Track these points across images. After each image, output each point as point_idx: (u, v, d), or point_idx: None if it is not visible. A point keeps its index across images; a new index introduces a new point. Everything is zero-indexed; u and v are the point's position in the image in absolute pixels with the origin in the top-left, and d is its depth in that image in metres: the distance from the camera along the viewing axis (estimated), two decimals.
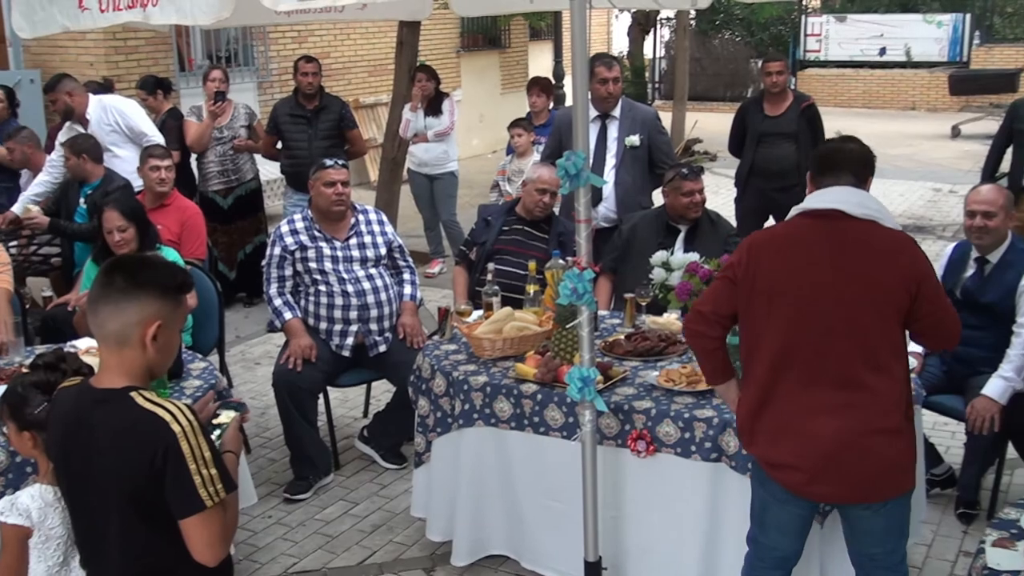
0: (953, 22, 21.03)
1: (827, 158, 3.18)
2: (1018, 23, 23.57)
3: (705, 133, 15.42)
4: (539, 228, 5.31)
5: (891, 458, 3.01)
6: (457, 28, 15.41)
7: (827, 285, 2.98)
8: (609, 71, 5.78)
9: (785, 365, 3.03)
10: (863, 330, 2.98)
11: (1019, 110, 7.06)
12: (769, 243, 3.14)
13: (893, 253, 3.00)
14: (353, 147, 7.88)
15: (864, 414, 2.98)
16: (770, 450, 3.10)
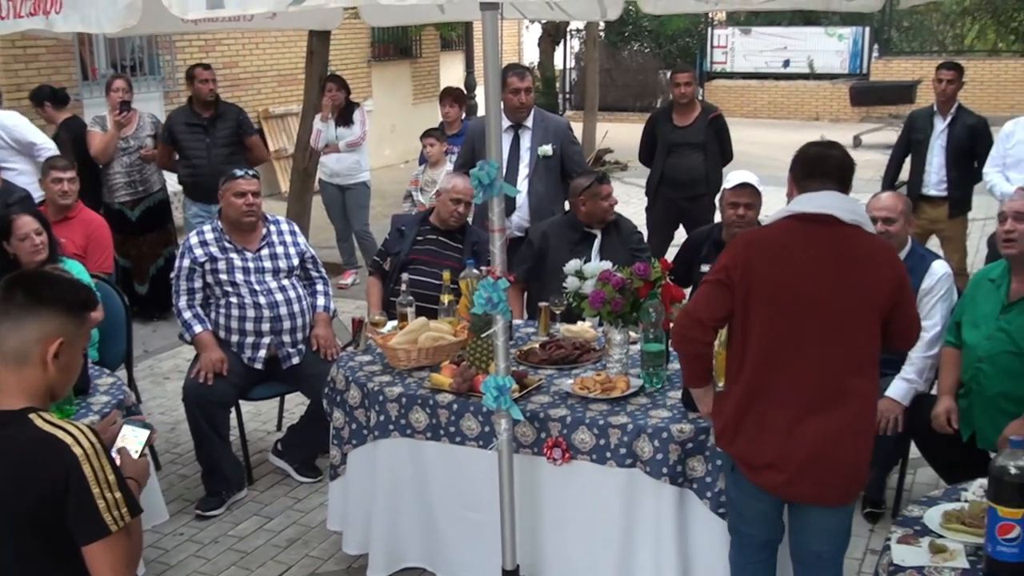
0: (853, 35, 21.67)
1: (813, 162, 3.22)
2: (914, 36, 24.39)
3: (615, 143, 15.59)
4: (453, 238, 5.31)
5: (863, 460, 3.13)
6: (368, 38, 15.34)
7: (822, 289, 3.05)
8: (521, 81, 5.81)
9: (774, 367, 3.09)
10: (851, 334, 3.06)
11: (916, 121, 7.30)
12: (761, 246, 3.15)
13: (880, 259, 3.11)
14: (253, 154, 7.72)
15: (847, 418, 3.06)
16: (752, 451, 3.15)
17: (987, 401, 4.07)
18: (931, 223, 7.06)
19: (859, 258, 3.08)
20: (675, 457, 3.52)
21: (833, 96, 21.21)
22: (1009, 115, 7.18)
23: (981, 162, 6.60)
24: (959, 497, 3.00)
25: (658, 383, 3.89)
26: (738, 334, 3.17)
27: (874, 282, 3.07)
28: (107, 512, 2.22)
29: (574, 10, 5.37)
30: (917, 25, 24.43)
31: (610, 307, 3.92)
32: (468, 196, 5.16)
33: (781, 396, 3.09)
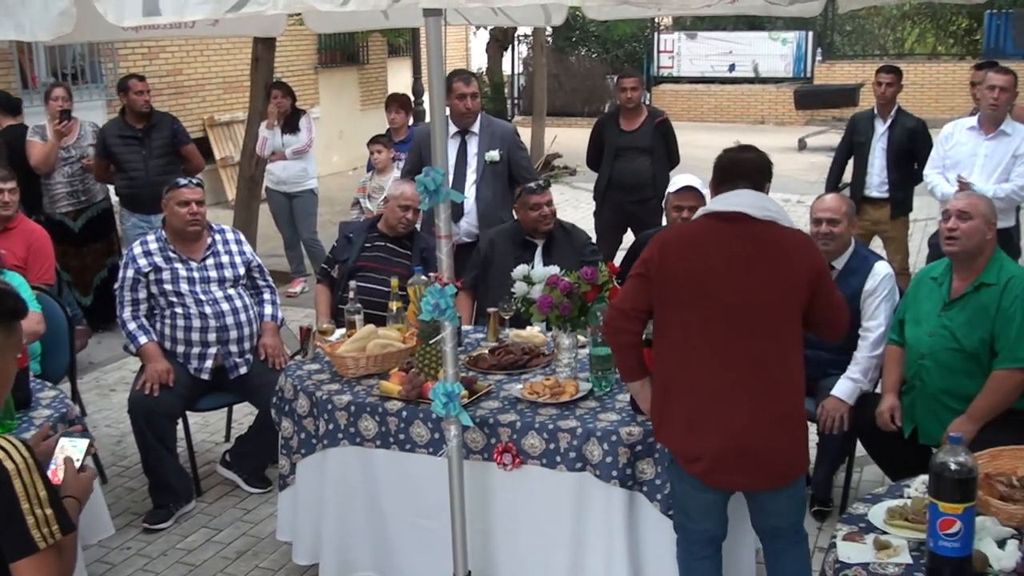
0: (797, 39, 21.95)
1: (726, 167, 3.39)
2: (856, 40, 24.78)
3: (564, 148, 15.65)
4: (401, 244, 5.29)
5: (796, 444, 3.26)
6: (314, 44, 15.25)
7: (734, 282, 3.16)
8: (467, 87, 5.81)
9: (696, 359, 3.20)
10: (770, 322, 3.17)
11: (858, 124, 7.40)
12: (678, 241, 3.30)
13: (795, 251, 3.23)
14: (190, 163, 7.57)
15: (773, 404, 3.18)
16: (685, 443, 3.25)
17: (929, 397, 4.14)
18: (874, 224, 7.16)
19: (772, 251, 3.20)
20: (624, 460, 3.54)
21: (778, 100, 21.47)
22: (949, 117, 7.31)
23: (921, 164, 6.70)
24: (902, 494, 3.05)
25: (607, 387, 3.91)
26: (657, 328, 3.30)
27: (788, 273, 3.19)
28: (36, 529, 2.17)
29: (519, 16, 5.38)
30: (859, 29, 24.83)
31: (558, 311, 3.93)
32: (416, 202, 5.14)
33: (702, 387, 3.20)
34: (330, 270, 5.34)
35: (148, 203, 6.91)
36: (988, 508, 2.78)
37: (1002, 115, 5.93)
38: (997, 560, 2.59)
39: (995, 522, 2.74)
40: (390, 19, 5.16)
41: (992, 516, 2.76)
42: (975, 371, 4.03)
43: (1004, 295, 3.97)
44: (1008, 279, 3.99)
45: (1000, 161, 5.91)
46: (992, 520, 2.74)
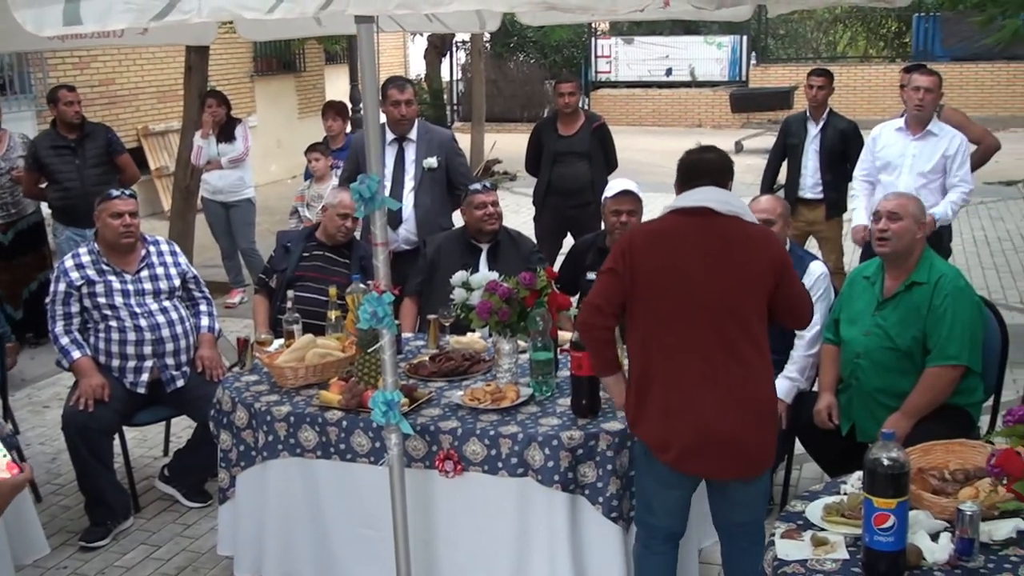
0: (732, 44, 22.24)
1: (689, 168, 3.48)
2: (790, 44, 25.15)
3: (504, 153, 15.67)
4: (340, 253, 5.26)
5: (767, 433, 3.35)
6: (250, 52, 15.11)
7: (705, 273, 3.25)
8: (401, 94, 5.78)
9: (669, 350, 3.27)
10: (740, 312, 3.27)
11: (790, 126, 7.50)
12: (646, 237, 3.39)
13: (759, 243, 3.34)
14: (125, 174, 7.45)
15: (746, 392, 3.26)
16: (658, 431, 3.30)
17: (865, 395, 4.20)
18: (808, 225, 7.26)
19: (736, 243, 3.29)
20: (566, 464, 3.54)
21: (714, 103, 21.72)
22: (880, 118, 7.43)
23: (854, 164, 6.82)
24: (839, 490, 3.09)
25: (548, 391, 3.91)
26: (630, 322, 3.36)
27: (753, 264, 3.28)
28: None
29: (453, 22, 5.39)
30: (792, 33, 25.20)
31: (497, 317, 3.93)
32: (355, 210, 5.12)
33: (675, 376, 3.28)
34: (268, 280, 5.29)
35: (83, 215, 6.77)
36: (921, 502, 2.83)
37: (928, 116, 6.04)
38: (931, 553, 2.63)
39: (928, 516, 2.79)
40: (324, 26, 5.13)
41: (925, 510, 2.81)
42: (909, 369, 4.10)
43: (935, 293, 4.04)
44: (938, 277, 4.07)
45: (929, 160, 6.02)
46: (925, 514, 2.79)
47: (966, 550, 2.62)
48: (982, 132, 6.81)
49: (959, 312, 4.01)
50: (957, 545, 2.63)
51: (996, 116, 18.86)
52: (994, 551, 2.67)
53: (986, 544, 2.67)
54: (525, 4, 3.09)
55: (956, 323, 4.00)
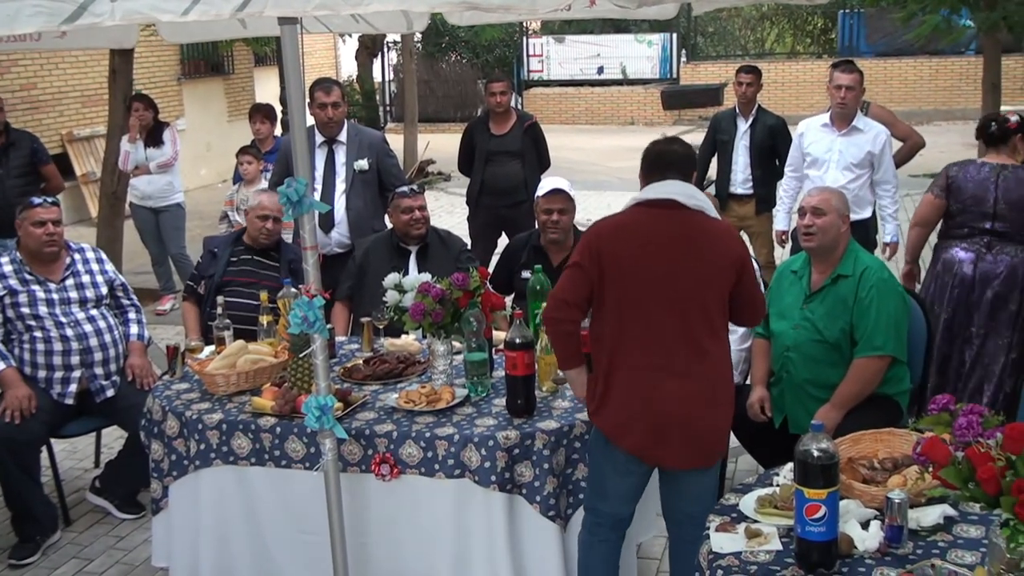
0: (662, 42, 22.44)
1: (655, 159, 3.48)
2: (719, 41, 25.45)
3: (438, 154, 15.64)
4: (269, 256, 5.20)
5: (724, 422, 3.45)
6: (177, 55, 14.90)
7: (667, 264, 3.30)
8: (328, 96, 5.73)
9: (634, 341, 3.32)
10: (704, 305, 3.32)
11: (720, 122, 7.58)
12: (612, 230, 3.40)
13: (723, 238, 3.40)
14: (50, 184, 7.26)
15: (707, 381, 3.34)
16: (621, 420, 3.35)
17: (796, 388, 4.26)
18: (739, 220, 7.34)
19: (701, 237, 3.35)
20: (503, 464, 3.54)
21: (646, 100, 21.89)
22: (808, 114, 7.54)
23: (783, 160, 6.91)
24: (772, 482, 3.12)
25: (483, 392, 3.91)
26: (596, 313, 3.39)
27: (716, 258, 3.34)
28: None
29: (381, 23, 5.35)
30: (721, 31, 25.51)
31: (431, 319, 3.92)
32: (274, 211, 5.08)
33: (638, 365, 3.32)
34: (196, 287, 5.21)
35: (6, 225, 6.61)
36: (852, 491, 2.88)
37: (852, 112, 6.14)
38: (861, 541, 2.68)
39: (859, 504, 2.84)
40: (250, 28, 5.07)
41: (856, 499, 2.86)
42: (837, 360, 4.17)
43: (860, 285, 4.11)
44: (863, 270, 4.15)
45: (855, 156, 6.12)
46: (856, 503, 2.84)
47: (895, 537, 2.67)
48: (908, 130, 6.95)
49: (884, 303, 4.08)
50: (887, 532, 2.68)
51: (920, 110, 19.29)
52: (922, 537, 2.72)
53: (915, 531, 2.72)
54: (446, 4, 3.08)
55: (881, 314, 4.07)
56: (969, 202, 5.10)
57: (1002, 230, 5.07)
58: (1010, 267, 5.06)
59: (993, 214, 5.05)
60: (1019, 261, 5.06)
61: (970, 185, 5.09)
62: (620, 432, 3.36)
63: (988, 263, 5.09)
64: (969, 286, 5.13)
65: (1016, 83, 17.40)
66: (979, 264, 5.11)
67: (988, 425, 2.43)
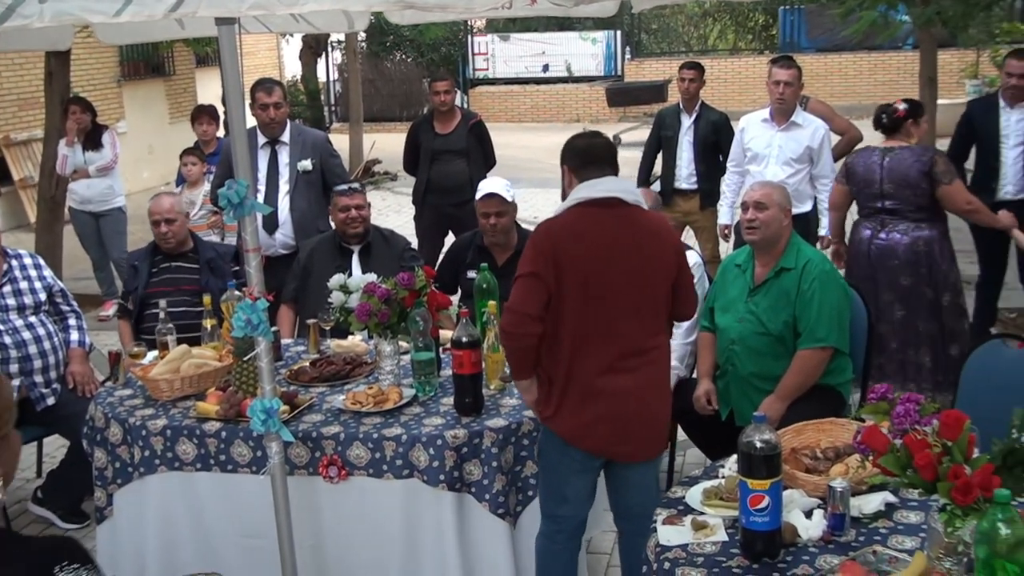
0: (606, 39, 22.54)
1: (585, 151, 3.48)
2: (663, 38, 25.63)
3: (384, 153, 15.56)
4: (187, 259, 5.11)
5: (667, 414, 3.58)
6: (116, 56, 14.67)
7: (621, 264, 3.32)
8: (269, 96, 5.68)
9: (588, 339, 3.32)
10: (650, 299, 3.38)
11: (664, 118, 7.64)
12: (565, 233, 3.36)
13: (663, 232, 3.47)
14: None
15: (655, 375, 3.42)
16: (576, 420, 3.36)
17: (741, 380, 4.31)
18: (685, 215, 7.40)
19: (646, 232, 3.39)
20: (451, 463, 3.54)
21: (591, 98, 21.97)
22: (751, 109, 7.59)
23: (726, 155, 6.97)
24: (717, 474, 3.15)
25: (431, 391, 3.90)
26: (552, 318, 3.34)
27: (661, 253, 3.40)
28: None
29: (321, 23, 5.32)
30: (664, 27, 25.70)
31: (377, 319, 3.90)
32: (164, 214, 5.01)
33: (596, 364, 3.34)
34: (126, 303, 5.13)
35: None
36: (795, 481, 2.92)
37: (790, 107, 6.21)
38: (805, 530, 2.71)
39: (802, 494, 2.87)
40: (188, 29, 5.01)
41: (799, 488, 2.90)
42: (781, 353, 4.22)
43: (803, 278, 4.17)
44: (805, 262, 4.20)
45: (795, 151, 6.20)
46: (799, 492, 2.88)
47: (838, 525, 2.71)
48: (846, 124, 7.04)
49: (826, 295, 4.14)
50: (829, 521, 2.72)
51: (859, 104, 19.49)
52: (864, 524, 2.76)
53: (857, 518, 2.77)
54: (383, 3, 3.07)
55: (824, 306, 4.13)
56: (861, 184, 5.52)
57: (892, 207, 5.43)
58: (905, 246, 5.39)
59: (881, 193, 5.42)
60: (911, 239, 5.39)
61: (861, 168, 5.51)
62: (581, 434, 3.37)
63: (882, 240, 5.47)
64: (867, 260, 5.51)
65: (952, 77, 17.71)
66: (874, 240, 5.49)
67: (925, 412, 2.48)
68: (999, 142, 6.21)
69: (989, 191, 6.07)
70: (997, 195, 6.15)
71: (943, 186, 5.29)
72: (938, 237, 5.42)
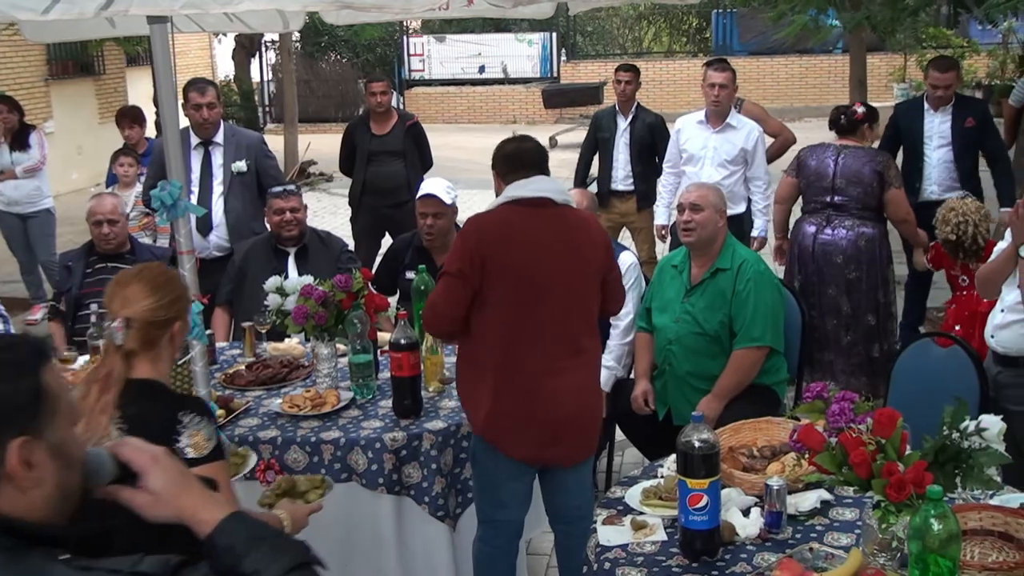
0: (542, 41, 22.59)
1: (513, 157, 3.47)
2: (598, 40, 25.79)
3: (319, 155, 15.43)
4: (124, 260, 5.01)
5: (599, 416, 3.59)
6: (43, 55, 14.36)
7: (551, 264, 3.31)
8: (202, 96, 5.60)
9: (519, 342, 3.31)
10: (583, 298, 3.38)
11: (601, 120, 7.68)
12: (495, 231, 3.33)
13: (591, 230, 3.48)
14: None
15: (588, 376, 3.43)
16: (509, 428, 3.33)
17: (679, 380, 4.34)
18: (621, 216, 7.44)
19: (575, 231, 3.40)
20: (390, 466, 3.52)
21: (528, 99, 22.00)
22: (685, 111, 7.68)
23: (662, 156, 7.03)
24: (657, 474, 3.17)
25: (369, 394, 3.88)
26: (478, 318, 3.32)
27: (591, 249, 3.41)
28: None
29: (255, 22, 5.24)
30: (600, 30, 25.85)
31: (314, 321, 3.86)
32: (107, 215, 4.96)
33: (529, 367, 3.32)
34: (58, 304, 5.02)
35: None
36: (732, 480, 2.95)
37: (725, 110, 6.29)
38: (743, 528, 2.74)
39: (740, 492, 2.91)
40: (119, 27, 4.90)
41: (736, 487, 2.93)
42: (718, 352, 4.26)
43: (738, 278, 4.22)
44: (741, 263, 4.25)
45: (730, 152, 6.27)
46: (737, 491, 2.91)
47: (775, 523, 2.74)
48: (779, 126, 7.14)
49: (761, 295, 4.20)
50: (767, 519, 2.75)
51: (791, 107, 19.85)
52: (801, 521, 2.80)
53: (793, 516, 2.80)
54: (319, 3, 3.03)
55: (759, 306, 4.18)
56: (812, 177, 5.67)
57: (840, 203, 5.59)
58: (849, 241, 5.54)
59: (832, 188, 5.58)
60: (855, 235, 5.54)
61: (813, 163, 5.67)
62: (511, 441, 3.36)
63: (827, 235, 5.60)
64: (809, 255, 5.64)
65: (881, 80, 18.07)
66: (819, 235, 5.62)
67: (859, 411, 2.51)
68: (923, 144, 6.37)
69: (914, 191, 6.21)
70: (921, 196, 6.30)
71: (893, 189, 5.51)
72: (879, 236, 5.59)
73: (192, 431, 2.36)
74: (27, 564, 1.37)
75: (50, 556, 1.39)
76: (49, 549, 1.40)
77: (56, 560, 1.39)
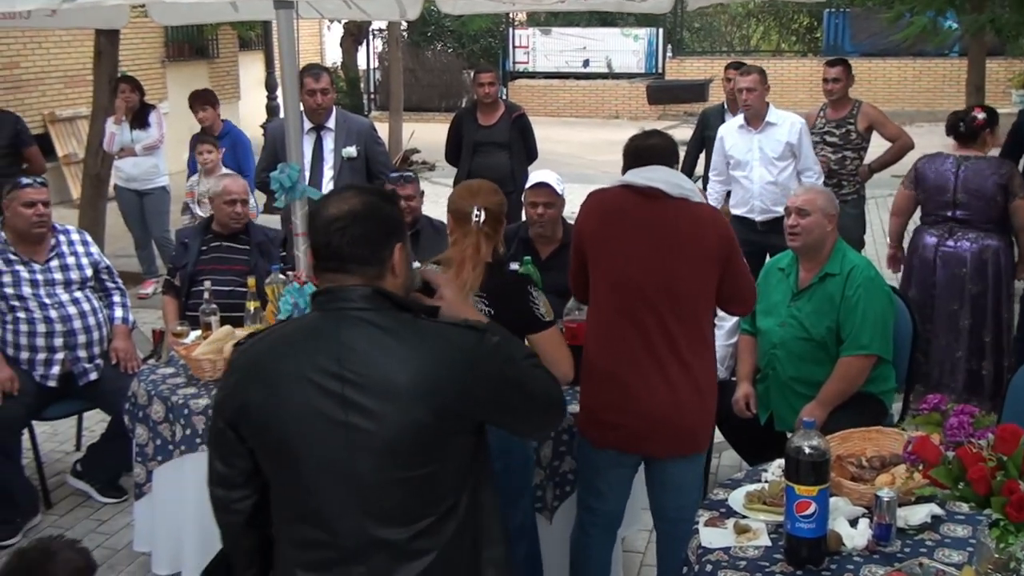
0: (648, 36, 22.41)
1: (635, 154, 3.48)
2: (705, 37, 25.49)
3: (422, 143, 15.58)
4: (238, 240, 5.14)
5: (707, 415, 3.43)
6: (161, 37, 14.78)
7: (645, 252, 3.29)
8: (317, 82, 5.70)
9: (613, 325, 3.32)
10: (680, 293, 3.29)
11: (708, 118, 7.60)
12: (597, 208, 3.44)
13: (707, 224, 3.35)
14: (31, 166, 7.17)
15: (688, 380, 3.30)
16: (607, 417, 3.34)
17: (782, 385, 4.28)
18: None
19: (683, 225, 3.32)
20: None
21: (631, 95, 21.87)
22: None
23: None
24: (760, 478, 3.13)
25: None
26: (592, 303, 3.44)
27: (699, 245, 3.32)
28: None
29: (373, 10, 5.32)
30: (707, 26, 25.53)
31: None
32: (241, 195, 5.07)
33: (620, 354, 3.30)
34: (172, 279, 5.16)
35: None
36: (840, 489, 2.89)
37: (759, 110, 6.16)
38: (850, 539, 2.69)
39: (847, 502, 2.85)
40: (239, 11, 5.03)
41: (844, 496, 2.87)
42: (823, 358, 4.18)
43: (847, 284, 4.13)
44: (850, 269, 4.16)
45: (775, 150, 6.15)
46: (844, 500, 2.85)
47: (884, 535, 2.68)
48: (898, 131, 6.97)
49: (870, 302, 4.10)
50: (875, 530, 2.69)
51: (903, 111, 19.36)
52: (910, 536, 2.74)
53: (903, 529, 2.74)
54: None
55: (868, 313, 4.09)
56: (932, 191, 5.51)
57: (963, 217, 5.45)
58: (973, 254, 5.40)
59: (953, 202, 5.43)
60: (979, 247, 5.41)
61: (932, 175, 5.50)
62: (603, 431, 3.36)
63: (949, 247, 5.47)
64: (930, 267, 5.50)
65: (999, 86, 17.51)
66: (940, 247, 5.49)
67: (979, 425, 2.44)
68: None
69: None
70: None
71: (1018, 199, 5.35)
72: (1004, 247, 5.45)
73: (543, 300, 3.14)
74: (403, 319, 2.21)
75: (412, 315, 2.24)
76: (409, 312, 2.24)
77: (417, 317, 2.24)
